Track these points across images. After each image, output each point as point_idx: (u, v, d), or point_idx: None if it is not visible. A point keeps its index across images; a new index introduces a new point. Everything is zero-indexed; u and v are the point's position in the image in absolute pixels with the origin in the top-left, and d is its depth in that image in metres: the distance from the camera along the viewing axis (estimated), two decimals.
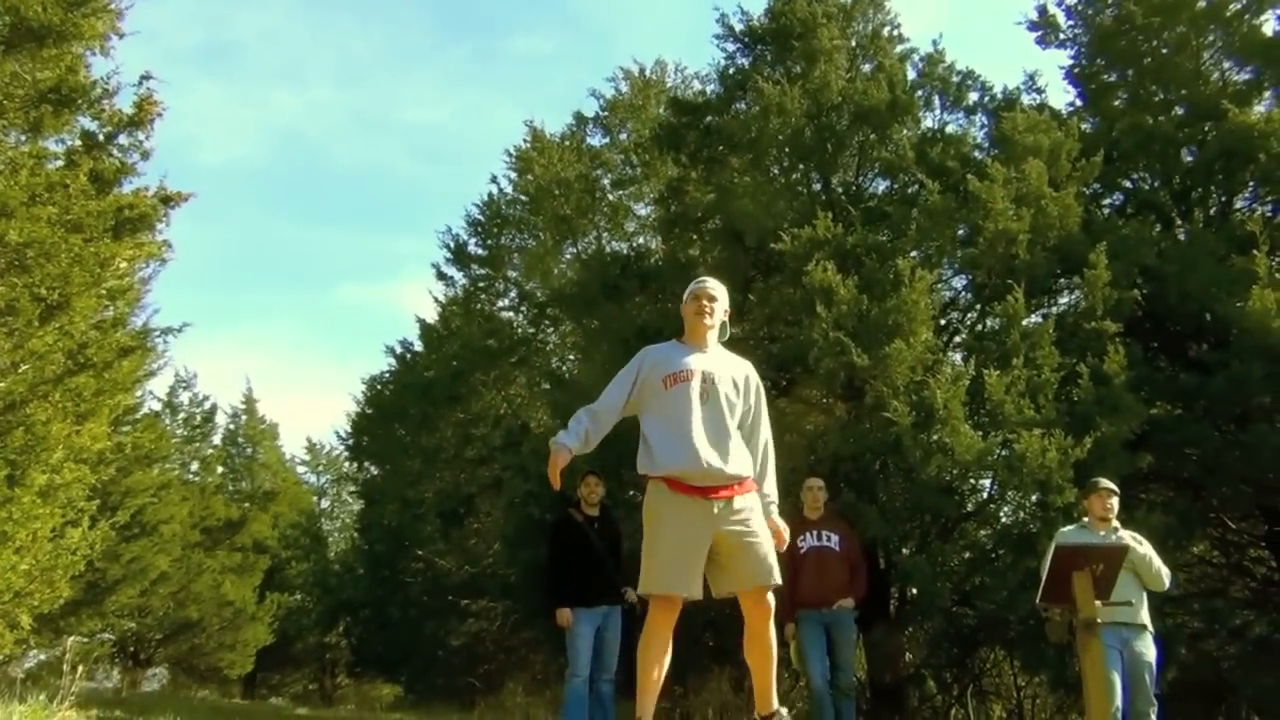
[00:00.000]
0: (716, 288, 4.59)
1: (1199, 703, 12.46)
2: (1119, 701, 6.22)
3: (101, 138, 6.48)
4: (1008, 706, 11.43)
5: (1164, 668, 9.32)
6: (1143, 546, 6.47)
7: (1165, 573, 6.44)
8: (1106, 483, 6.72)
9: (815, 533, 7.62)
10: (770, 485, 4.42)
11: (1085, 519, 6.74)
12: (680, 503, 4.15)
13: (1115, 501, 6.63)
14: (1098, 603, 5.84)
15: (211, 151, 69.86)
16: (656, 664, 4.18)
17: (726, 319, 4.61)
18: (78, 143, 6.46)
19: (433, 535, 18.80)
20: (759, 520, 4.22)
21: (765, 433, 4.45)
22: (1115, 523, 6.61)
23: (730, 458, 4.21)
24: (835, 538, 7.62)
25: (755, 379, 4.50)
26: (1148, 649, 6.34)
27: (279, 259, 69.19)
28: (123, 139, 6.54)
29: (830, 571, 7.49)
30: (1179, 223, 11.64)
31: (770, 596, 4.18)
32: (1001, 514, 10.26)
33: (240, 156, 74.04)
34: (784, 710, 4.19)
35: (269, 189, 71.61)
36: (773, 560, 4.16)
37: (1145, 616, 6.40)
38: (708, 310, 4.52)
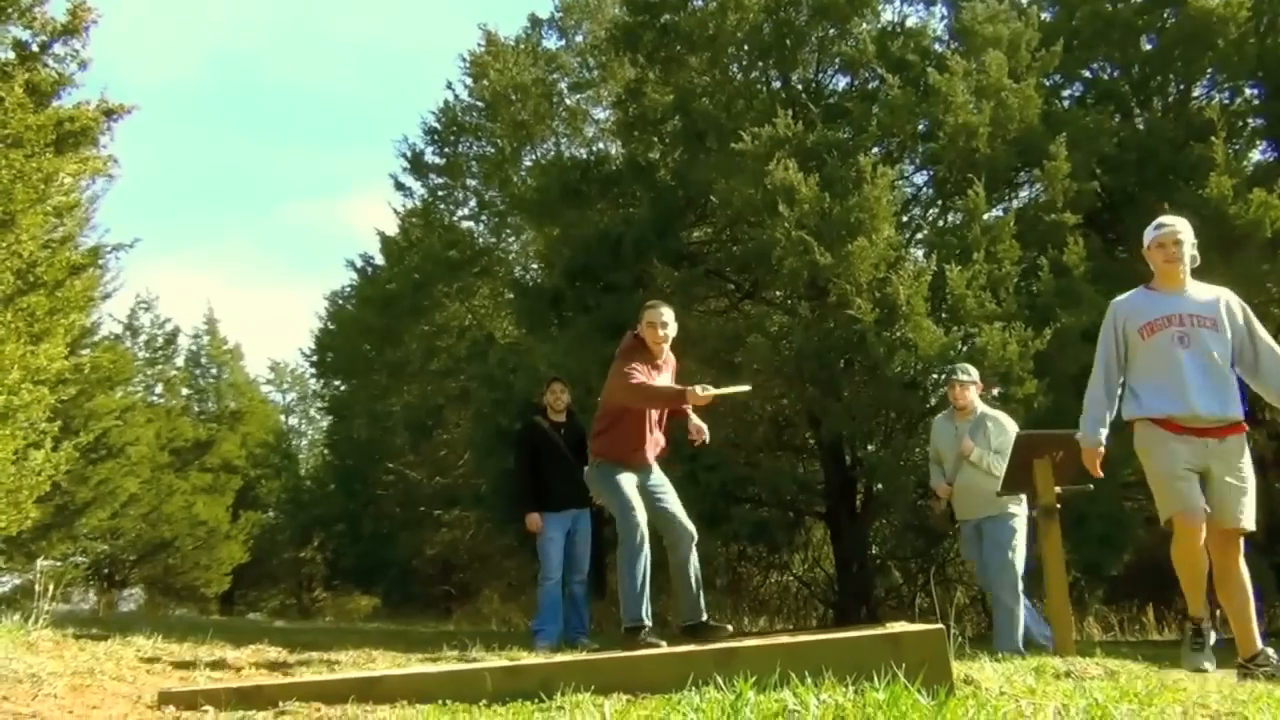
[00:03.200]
0: (1183, 228, 4.54)
1: (1155, 582, 12.86)
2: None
3: (35, 47, 6.24)
4: (969, 593, 11.74)
5: (1120, 550, 9.62)
6: (997, 436, 6.40)
7: (995, 464, 6.31)
8: (961, 373, 6.64)
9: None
10: None
11: (951, 407, 6.68)
12: (1168, 438, 4.27)
13: (973, 391, 6.56)
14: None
15: (140, 70, 67.38)
16: (1198, 580, 4.29)
17: (1194, 251, 4.56)
18: (10, 54, 6.23)
19: (402, 448, 18.89)
20: (1247, 463, 4.30)
21: (1265, 344, 4.41)
22: (978, 408, 6.56)
23: (1221, 401, 4.27)
24: (668, 377, 5.72)
25: (1234, 302, 4.49)
26: (1001, 534, 6.33)
27: (220, 179, 67.35)
28: (58, 48, 6.31)
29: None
30: (1138, 112, 11.62)
31: (1241, 540, 4.27)
32: None
33: (171, 74, 71.58)
34: (1270, 650, 4.23)
35: (202, 107, 69.29)
36: (1250, 508, 4.24)
37: (1005, 503, 6.33)
38: (1175, 256, 4.48)
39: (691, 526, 5.49)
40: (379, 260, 19.03)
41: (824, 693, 2.58)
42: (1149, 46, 11.68)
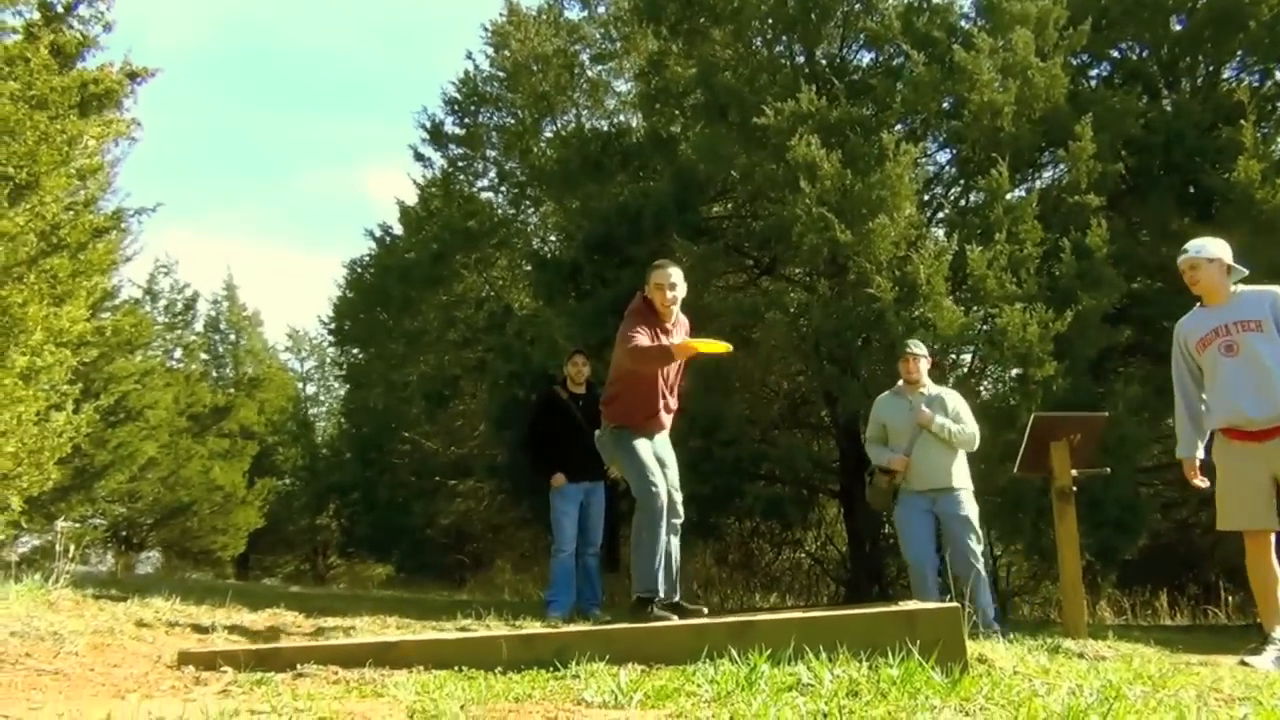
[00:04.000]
0: (1199, 250, 4.76)
1: (1168, 567, 12.85)
2: (921, 556, 6.28)
3: (60, 8, 6.25)
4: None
5: (1135, 534, 9.59)
6: (952, 405, 6.35)
7: (966, 435, 6.28)
8: (914, 346, 6.56)
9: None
10: None
11: (900, 384, 6.56)
12: (1235, 449, 4.56)
13: (924, 364, 6.48)
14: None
15: (157, 33, 67.15)
16: (1270, 587, 4.51)
17: (1222, 269, 4.74)
18: (36, 15, 6.23)
19: (419, 417, 18.91)
20: None
21: None
22: (927, 385, 6.47)
23: (1272, 402, 4.45)
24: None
25: (1276, 303, 4.63)
26: (959, 507, 6.22)
27: (238, 145, 67.12)
28: (82, 9, 6.32)
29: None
30: (1165, 93, 11.48)
31: None
32: (981, 388, 10.37)
33: (186, 40, 71.31)
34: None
35: (219, 73, 69.07)
36: None
37: (957, 477, 6.28)
38: (1193, 280, 4.78)
39: (682, 508, 5.39)
40: (398, 230, 19.01)
41: (838, 667, 2.59)
42: (1179, 27, 11.52)
